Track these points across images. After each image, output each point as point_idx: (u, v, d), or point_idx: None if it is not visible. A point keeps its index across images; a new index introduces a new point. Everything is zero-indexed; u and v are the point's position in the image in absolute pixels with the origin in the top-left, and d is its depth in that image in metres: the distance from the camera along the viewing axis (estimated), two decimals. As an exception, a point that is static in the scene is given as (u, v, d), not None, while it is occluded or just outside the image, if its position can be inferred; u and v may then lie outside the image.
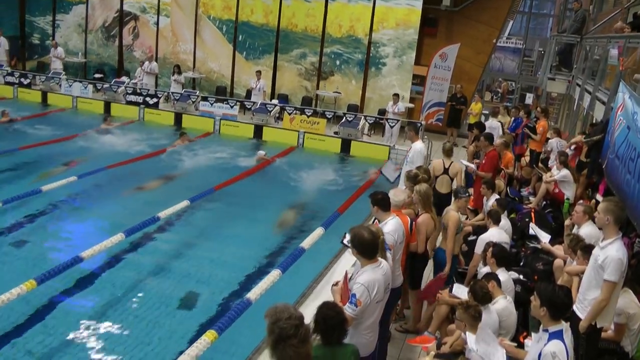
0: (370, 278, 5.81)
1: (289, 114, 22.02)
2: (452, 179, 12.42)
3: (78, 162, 16.69)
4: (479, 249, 9.06)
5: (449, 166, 12.33)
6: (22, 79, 25.49)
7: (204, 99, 23.42)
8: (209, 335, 7.69)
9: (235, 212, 14.53)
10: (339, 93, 24.07)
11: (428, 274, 9.42)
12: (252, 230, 13.22)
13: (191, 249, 12.19)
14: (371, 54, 23.87)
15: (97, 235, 11.42)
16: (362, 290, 5.75)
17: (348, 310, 5.72)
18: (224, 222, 14.00)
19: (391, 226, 7.36)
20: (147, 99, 23.54)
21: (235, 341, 8.38)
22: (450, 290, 8.15)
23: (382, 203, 7.49)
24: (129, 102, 23.72)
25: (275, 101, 23.53)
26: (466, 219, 11.03)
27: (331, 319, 5.09)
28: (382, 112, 22.60)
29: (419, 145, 12.58)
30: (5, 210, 12.44)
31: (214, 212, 14.39)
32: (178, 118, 23.02)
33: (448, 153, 12.45)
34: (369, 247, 5.87)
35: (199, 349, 7.39)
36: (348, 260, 10.26)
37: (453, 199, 9.83)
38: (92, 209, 13.77)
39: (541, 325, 5.44)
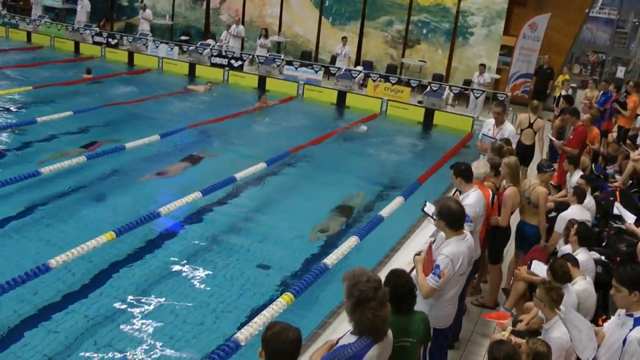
0: (455, 250, 5.80)
1: (374, 81, 21.92)
2: (535, 133, 13.27)
3: (161, 121, 17.02)
4: (559, 226, 8.85)
5: (534, 121, 13.23)
6: (110, 39, 26.15)
7: (289, 63, 23.52)
8: (285, 298, 7.80)
9: (314, 176, 14.61)
10: (425, 62, 23.74)
11: (507, 248, 9.28)
12: (331, 195, 13.14)
13: (266, 211, 12.28)
14: (459, 23, 23.41)
15: (175, 192, 11.71)
16: (446, 262, 5.74)
17: (431, 281, 5.73)
18: (301, 185, 14.13)
19: (473, 198, 7.28)
20: (232, 61, 23.80)
21: (310, 305, 8.46)
22: (529, 267, 8.02)
23: (465, 174, 7.39)
24: (214, 65, 24.03)
25: (359, 68, 23.42)
26: (548, 194, 10.79)
27: (402, 287, 5.07)
28: (468, 82, 22.20)
29: (511, 126, 12.24)
30: (89, 165, 12.81)
31: (294, 175, 14.54)
32: (262, 81, 23.15)
33: (534, 110, 13.36)
34: (456, 219, 5.84)
35: (275, 311, 7.51)
36: (426, 230, 10.21)
37: (537, 171, 9.66)
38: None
39: (623, 310, 5.26)
